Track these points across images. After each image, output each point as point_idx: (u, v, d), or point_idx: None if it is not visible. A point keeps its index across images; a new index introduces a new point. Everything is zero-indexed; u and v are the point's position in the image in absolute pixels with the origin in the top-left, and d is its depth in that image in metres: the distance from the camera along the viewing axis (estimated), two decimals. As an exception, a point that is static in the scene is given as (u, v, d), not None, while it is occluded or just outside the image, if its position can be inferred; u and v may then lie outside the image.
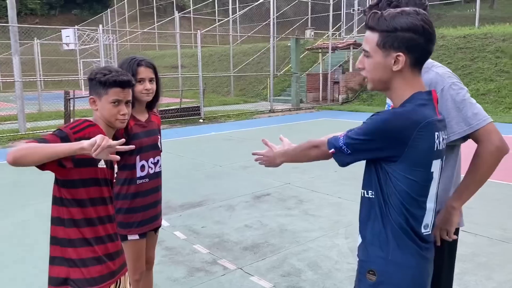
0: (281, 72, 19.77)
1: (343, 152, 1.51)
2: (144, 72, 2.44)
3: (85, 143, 1.64)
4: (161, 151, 2.66)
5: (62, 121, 11.89)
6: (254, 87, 21.56)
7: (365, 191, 1.58)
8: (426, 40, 1.43)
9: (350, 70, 18.32)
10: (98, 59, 21.73)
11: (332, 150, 1.53)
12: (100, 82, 1.87)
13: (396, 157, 1.44)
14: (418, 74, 1.50)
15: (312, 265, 3.77)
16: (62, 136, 1.75)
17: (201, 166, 7.47)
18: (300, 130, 11.62)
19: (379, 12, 1.47)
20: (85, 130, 1.82)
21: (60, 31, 24.94)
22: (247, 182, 6.48)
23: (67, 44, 23.13)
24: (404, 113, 1.43)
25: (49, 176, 1.84)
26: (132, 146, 1.90)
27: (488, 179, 1.83)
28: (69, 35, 23.10)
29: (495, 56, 14.80)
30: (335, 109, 16.29)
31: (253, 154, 1.96)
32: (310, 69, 19.91)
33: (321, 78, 18.34)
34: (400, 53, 1.43)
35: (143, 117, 2.55)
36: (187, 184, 6.42)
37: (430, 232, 1.56)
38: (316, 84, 18.47)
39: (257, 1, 24.57)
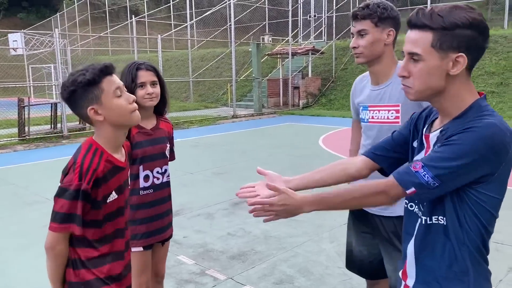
0: (241, 77, 19.76)
1: (429, 187, 1.22)
2: (145, 76, 2.30)
3: None
4: (171, 159, 2.54)
5: (15, 130, 11.25)
6: (214, 92, 21.42)
7: (428, 218, 1.33)
8: (485, 38, 1.25)
9: (310, 75, 18.61)
10: (49, 65, 20.84)
11: (412, 189, 1.24)
12: (88, 82, 1.53)
13: (489, 176, 1.23)
14: (470, 76, 1.32)
15: (303, 271, 3.73)
16: (83, 198, 1.53)
17: (172, 174, 7.21)
18: (266, 135, 11.64)
19: (427, 7, 1.29)
20: (96, 171, 1.56)
21: (6, 36, 23.71)
22: (222, 188, 6.37)
23: (15, 49, 22.00)
24: (502, 126, 1.21)
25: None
26: None
27: None
28: (16, 40, 22.01)
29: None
30: (297, 114, 16.47)
31: (253, 208, 1.42)
32: (270, 74, 20.04)
33: (281, 83, 18.51)
34: (462, 54, 1.23)
35: (149, 124, 2.39)
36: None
37: None
38: (276, 89, 18.60)
39: (213, 7, 24.51)
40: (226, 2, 21.52)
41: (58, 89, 13.23)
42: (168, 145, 2.51)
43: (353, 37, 2.08)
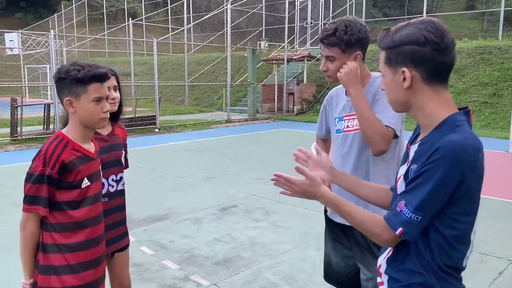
0: (236, 82, 19.79)
1: (414, 222, 1.27)
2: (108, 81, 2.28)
3: None
4: (126, 167, 2.47)
5: (7, 130, 11.20)
6: (209, 96, 21.43)
7: None
8: (433, 50, 1.28)
9: (305, 81, 18.66)
10: (45, 65, 20.78)
11: (400, 229, 1.28)
12: (77, 79, 1.68)
13: (457, 195, 1.26)
14: (442, 89, 1.34)
15: (287, 278, 3.73)
16: (47, 183, 1.67)
17: (162, 177, 7.26)
18: (258, 141, 11.64)
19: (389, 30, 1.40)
20: (60, 158, 1.67)
21: (3, 35, 23.64)
22: (212, 193, 6.36)
23: (11, 49, 21.94)
24: (465, 145, 1.24)
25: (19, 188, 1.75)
26: None
27: None
28: (12, 39, 21.95)
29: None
30: (291, 120, 16.51)
31: (277, 176, 1.51)
32: (265, 80, 20.08)
33: (276, 89, 18.54)
34: (404, 68, 1.32)
35: (105, 130, 2.32)
36: (149, 196, 6.20)
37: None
38: (271, 95, 18.63)
39: (211, 11, 24.56)
40: (223, 7, 21.59)
41: (53, 90, 13.18)
42: (123, 152, 2.45)
43: (323, 58, 2.11)
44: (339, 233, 2.27)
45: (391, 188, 1.63)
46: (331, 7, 22.43)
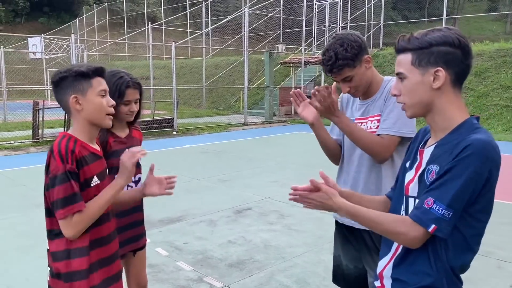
0: (253, 86, 19.85)
1: (445, 219, 1.27)
2: (132, 94, 2.32)
3: (125, 179, 1.78)
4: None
5: (29, 132, 11.48)
6: (226, 99, 21.54)
7: None
8: (464, 53, 1.34)
9: (322, 84, 18.58)
10: (66, 69, 21.17)
11: (433, 226, 1.27)
12: (82, 73, 1.68)
13: (481, 194, 1.29)
14: (460, 94, 1.39)
15: (300, 281, 3.73)
16: (73, 178, 1.64)
17: (178, 180, 7.22)
18: (274, 143, 11.66)
19: (408, 33, 1.42)
20: (74, 153, 1.67)
21: (26, 39, 24.25)
22: (227, 196, 6.40)
23: (34, 53, 22.48)
24: (493, 143, 1.28)
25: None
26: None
27: None
28: (35, 44, 22.50)
29: (461, 74, 15.37)
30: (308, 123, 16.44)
31: (294, 193, 1.51)
32: (282, 83, 20.09)
33: (293, 92, 18.49)
34: (439, 68, 1.33)
35: (123, 133, 2.42)
36: (165, 198, 6.22)
37: None
38: (288, 98, 18.52)
39: (229, 15, 24.72)
40: (241, 11, 21.70)
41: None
42: None
43: (338, 83, 2.12)
44: (348, 236, 2.28)
45: (388, 196, 1.66)
46: (349, 9, 22.31)
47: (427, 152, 1.41)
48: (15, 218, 5.37)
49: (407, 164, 1.52)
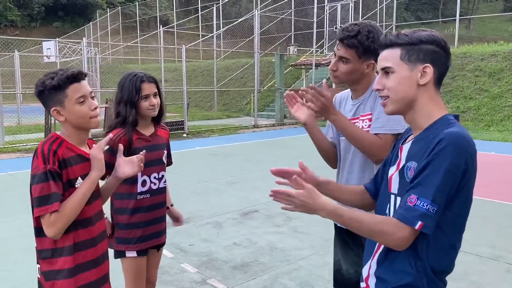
0: (264, 88, 19.84)
1: (430, 214, 1.25)
2: (148, 88, 2.37)
3: (98, 170, 1.75)
4: (169, 164, 2.63)
5: (42, 135, 11.62)
6: (237, 102, 21.57)
7: None
8: (447, 55, 1.39)
9: (333, 86, 18.48)
10: (80, 72, 21.41)
11: (419, 223, 1.25)
12: (54, 87, 1.68)
13: (464, 183, 1.29)
14: (439, 92, 1.43)
15: (304, 284, 3.70)
16: (54, 178, 1.66)
17: (187, 182, 7.35)
18: (284, 146, 11.62)
19: (392, 32, 1.43)
20: (56, 154, 1.69)
21: (41, 43, 24.60)
22: (234, 198, 6.39)
23: (48, 57, 22.79)
24: (468, 136, 1.31)
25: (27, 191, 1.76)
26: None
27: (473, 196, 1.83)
28: (50, 47, 22.79)
29: (475, 75, 15.16)
30: (318, 125, 16.36)
31: (274, 192, 1.43)
32: (293, 85, 20.04)
33: (304, 94, 18.45)
34: (428, 65, 1.36)
35: (147, 131, 2.47)
36: (172, 200, 6.27)
37: None
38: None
39: (240, 18, 24.77)
40: (252, 13, 21.73)
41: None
42: (166, 151, 2.58)
43: (334, 56, 2.07)
44: (348, 240, 2.24)
45: (366, 187, 1.65)
46: (360, 10, 22.19)
47: (405, 148, 1.43)
48: (23, 220, 5.42)
49: (390, 161, 1.53)
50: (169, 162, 2.68)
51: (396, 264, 1.35)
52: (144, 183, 2.41)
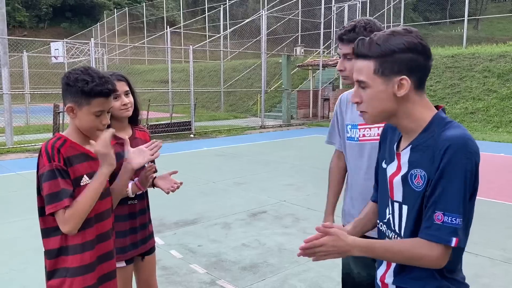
0: (271, 88, 19.84)
1: (460, 227, 1.22)
2: (117, 86, 2.19)
3: (108, 165, 1.76)
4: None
5: (50, 135, 11.69)
6: (244, 102, 21.57)
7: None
8: (426, 58, 1.30)
9: (340, 87, 18.45)
10: (87, 73, 21.54)
11: (455, 239, 1.22)
12: (83, 91, 1.68)
13: (477, 183, 1.29)
14: (424, 93, 1.36)
15: (314, 286, 3.68)
16: (61, 175, 1.67)
17: (194, 182, 7.36)
18: (291, 147, 11.60)
19: (367, 37, 1.33)
20: (60, 152, 1.70)
21: (49, 44, 24.77)
22: (242, 199, 6.38)
23: (56, 57, 22.94)
24: (470, 136, 1.27)
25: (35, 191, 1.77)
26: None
27: (482, 198, 1.77)
28: (58, 48, 22.97)
29: (483, 75, 15.06)
30: (326, 126, 16.34)
31: (302, 249, 1.33)
32: (300, 85, 20.02)
33: (311, 94, 18.44)
34: (404, 76, 1.28)
35: (125, 134, 2.33)
36: (180, 201, 6.29)
37: None
38: (306, 101, 18.55)
39: (247, 18, 24.78)
40: (259, 13, 21.74)
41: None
42: None
43: (339, 57, 2.04)
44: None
45: (373, 200, 1.63)
46: (368, 11, 22.13)
47: (404, 155, 1.37)
48: (32, 220, 5.45)
49: (383, 165, 1.48)
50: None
51: (415, 271, 1.32)
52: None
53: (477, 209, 1.72)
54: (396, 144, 1.44)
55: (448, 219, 1.21)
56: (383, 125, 1.97)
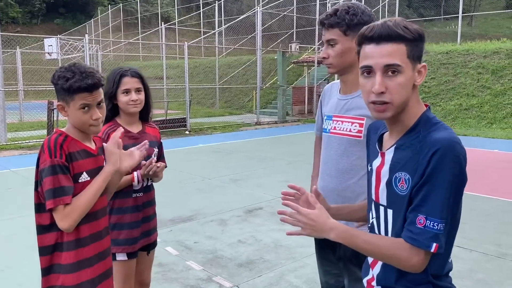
0: (267, 85, 19.82)
1: (441, 232, 1.19)
2: (129, 83, 2.32)
3: (112, 164, 1.79)
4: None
5: (44, 131, 11.63)
6: (239, 99, 21.55)
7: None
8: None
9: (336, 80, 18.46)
10: (81, 69, 21.39)
11: (435, 245, 1.18)
12: (64, 88, 1.69)
13: (462, 190, 1.26)
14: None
15: (310, 282, 3.69)
16: (62, 171, 1.67)
17: (190, 179, 7.35)
18: (287, 143, 11.61)
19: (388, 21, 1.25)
20: (63, 147, 1.70)
21: (42, 40, 24.56)
22: (238, 195, 6.39)
23: (50, 53, 22.76)
24: (457, 139, 1.22)
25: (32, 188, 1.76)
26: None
27: (476, 194, 1.74)
28: (51, 44, 22.75)
29: (477, 72, 15.12)
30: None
31: (285, 195, 1.42)
32: (295, 82, 20.02)
33: (306, 91, 18.45)
34: (425, 64, 1.27)
35: (135, 128, 2.43)
36: (176, 198, 6.28)
37: None
38: (301, 97, 18.56)
39: (242, 15, 24.71)
40: (254, 10, 21.69)
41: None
42: (156, 150, 2.52)
43: (323, 46, 1.95)
44: (327, 250, 2.08)
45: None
46: (363, 8, 22.10)
47: (388, 154, 1.33)
48: (28, 217, 5.42)
49: (369, 167, 1.45)
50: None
51: (408, 276, 1.30)
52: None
53: (471, 205, 1.73)
54: (377, 143, 1.41)
55: (429, 223, 1.18)
56: (358, 121, 1.89)
